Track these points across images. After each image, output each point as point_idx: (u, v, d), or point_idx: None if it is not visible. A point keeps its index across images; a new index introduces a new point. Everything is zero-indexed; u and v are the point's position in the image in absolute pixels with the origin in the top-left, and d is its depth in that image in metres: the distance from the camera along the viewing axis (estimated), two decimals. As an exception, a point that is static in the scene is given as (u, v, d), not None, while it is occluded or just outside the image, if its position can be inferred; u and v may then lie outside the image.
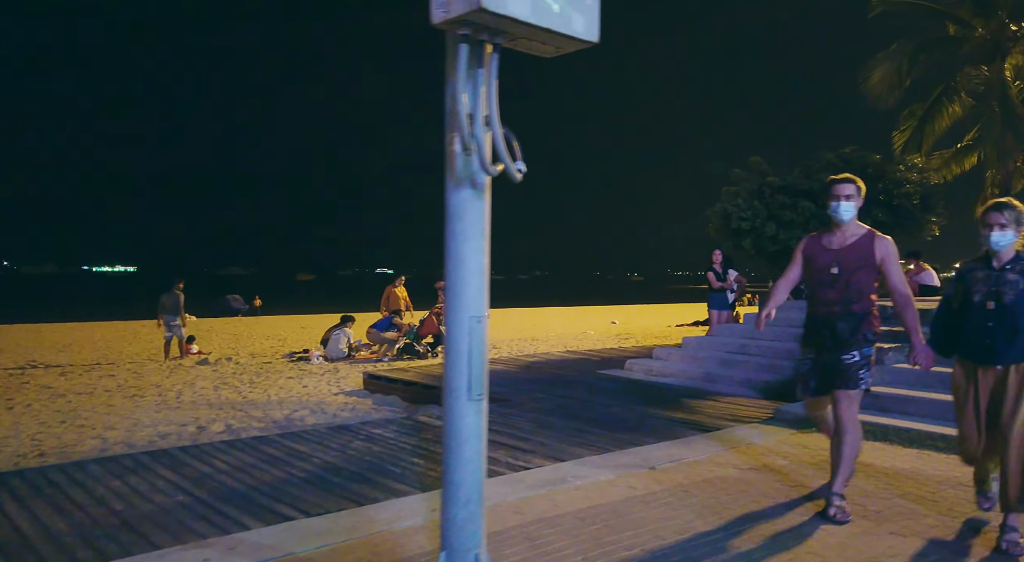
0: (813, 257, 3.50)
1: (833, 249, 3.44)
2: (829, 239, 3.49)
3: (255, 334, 19.28)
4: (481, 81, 2.23)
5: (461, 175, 2.37)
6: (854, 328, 3.35)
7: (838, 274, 3.37)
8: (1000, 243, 3.05)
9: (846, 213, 3.41)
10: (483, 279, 2.45)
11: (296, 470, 4.11)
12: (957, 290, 3.24)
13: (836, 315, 3.39)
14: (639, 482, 3.96)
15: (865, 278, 3.35)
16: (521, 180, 2.38)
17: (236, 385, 8.81)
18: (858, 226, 3.47)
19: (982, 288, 3.12)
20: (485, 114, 2.25)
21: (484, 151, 2.21)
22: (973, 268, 3.18)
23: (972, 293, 3.15)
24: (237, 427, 6.20)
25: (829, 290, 3.39)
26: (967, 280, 3.18)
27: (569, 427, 5.34)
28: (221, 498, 3.57)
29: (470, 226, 2.40)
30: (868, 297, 3.37)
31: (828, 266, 3.40)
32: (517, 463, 4.32)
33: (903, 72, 13.01)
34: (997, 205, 3.09)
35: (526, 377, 8.01)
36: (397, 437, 4.99)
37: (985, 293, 3.10)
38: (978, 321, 3.09)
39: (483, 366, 2.44)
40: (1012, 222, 3.06)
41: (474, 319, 2.42)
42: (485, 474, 2.49)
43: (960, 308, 3.20)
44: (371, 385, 8.39)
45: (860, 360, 3.34)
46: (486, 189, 2.42)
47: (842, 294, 3.37)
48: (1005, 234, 3.05)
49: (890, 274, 3.37)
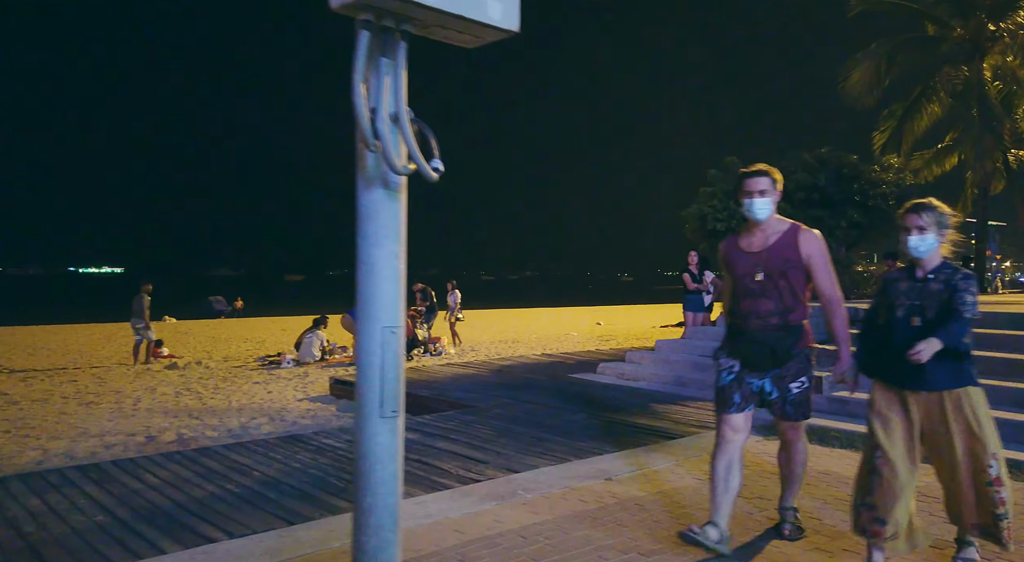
0: (733, 263, 3.06)
1: (754, 252, 3.00)
2: (749, 241, 3.04)
3: (234, 336, 19.00)
4: (385, 71, 2.05)
5: (372, 174, 2.18)
6: (795, 345, 2.94)
7: (765, 280, 2.93)
8: (919, 249, 2.70)
9: (761, 210, 2.96)
10: (398, 286, 2.26)
11: (233, 485, 3.91)
12: (880, 303, 2.86)
13: (774, 330, 2.93)
14: (592, 495, 3.79)
15: (797, 281, 2.93)
16: (437, 180, 2.21)
17: (199, 391, 8.57)
18: (779, 222, 3.01)
19: (905, 301, 2.74)
20: (392, 109, 2.07)
21: (389, 148, 2.03)
22: (897, 278, 2.81)
23: (895, 307, 2.77)
24: (188, 437, 5.98)
25: (762, 300, 2.94)
26: (890, 292, 2.80)
27: (529, 436, 5.17)
28: (144, 518, 3.37)
29: (383, 229, 2.21)
30: (803, 303, 2.96)
31: (751, 272, 2.97)
32: (468, 475, 4.15)
33: (881, 72, 12.96)
34: (915, 206, 2.73)
35: (496, 382, 7.83)
36: (349, 447, 4.79)
37: (908, 307, 2.72)
38: (902, 340, 2.66)
39: (397, 380, 2.25)
40: (932, 225, 2.70)
41: (388, 330, 2.23)
42: (400, 497, 2.30)
43: (886, 324, 2.80)
44: (337, 390, 8.18)
45: (808, 386, 2.99)
46: (401, 189, 2.24)
47: (778, 304, 2.93)
48: (924, 238, 2.69)
49: (817, 274, 2.93)
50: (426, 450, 4.72)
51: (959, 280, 2.67)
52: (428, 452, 4.67)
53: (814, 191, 9.20)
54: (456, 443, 4.93)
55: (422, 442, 4.96)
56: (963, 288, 2.66)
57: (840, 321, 2.93)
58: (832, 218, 9.18)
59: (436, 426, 5.50)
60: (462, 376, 8.29)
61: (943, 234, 2.71)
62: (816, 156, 9.71)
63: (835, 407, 5.45)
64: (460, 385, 7.63)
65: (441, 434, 5.20)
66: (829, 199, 9.23)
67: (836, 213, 9.19)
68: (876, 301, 2.91)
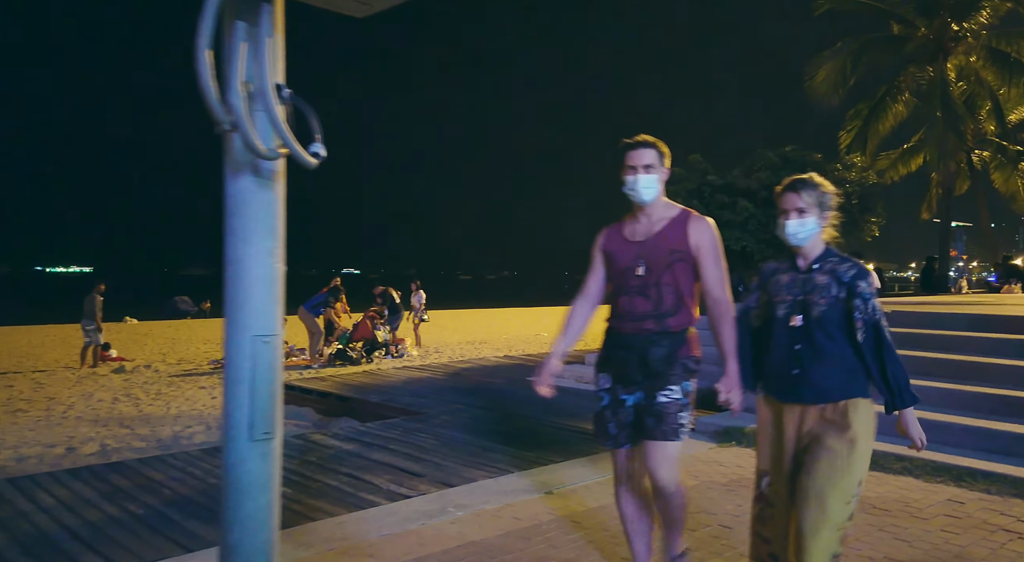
0: (614, 254, 2.53)
1: (637, 241, 2.48)
2: (632, 228, 2.52)
3: (195, 338, 18.43)
4: (242, 37, 1.76)
5: (239, 159, 1.89)
6: (671, 353, 2.39)
7: (645, 275, 2.42)
8: (798, 234, 2.25)
9: (647, 189, 2.43)
10: (273, 289, 1.97)
11: (137, 505, 3.58)
12: (760, 300, 2.42)
13: (648, 335, 2.41)
14: (527, 511, 3.53)
15: (682, 278, 2.43)
16: (317, 166, 1.93)
17: (139, 397, 8.15)
18: (668, 207, 2.51)
19: (786, 297, 2.28)
20: (254, 81, 1.78)
21: (245, 126, 1.74)
22: (776, 269, 2.37)
23: (775, 305, 2.31)
24: (112, 448, 5.60)
25: (639, 299, 2.42)
26: (769, 286, 2.36)
27: (474, 445, 4.89)
28: (22, 547, 3.03)
29: (253, 222, 1.92)
30: (688, 307, 2.44)
31: (632, 265, 2.45)
32: (399, 490, 3.86)
33: (847, 71, 12.94)
34: (793, 184, 2.28)
35: (451, 386, 7.54)
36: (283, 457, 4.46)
37: (790, 304, 2.27)
38: (783, 343, 2.27)
39: (271, 397, 1.97)
40: (814, 206, 2.24)
41: (259, 339, 1.94)
42: (276, 532, 2.01)
43: (765, 325, 2.37)
44: (285, 396, 7.80)
45: (681, 399, 2.39)
46: (276, 177, 1.95)
47: (656, 305, 2.41)
48: (804, 222, 2.24)
49: (705, 268, 2.42)
50: (360, 463, 4.42)
51: (852, 276, 2.21)
52: (362, 465, 4.37)
53: (777, 190, 9.07)
54: (394, 454, 4.63)
55: (358, 453, 4.66)
56: (864, 291, 2.20)
57: (729, 329, 2.41)
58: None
59: (377, 435, 5.20)
60: (416, 380, 7.99)
61: (825, 216, 2.29)
62: (780, 154, 9.60)
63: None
64: (412, 390, 7.33)
65: (381, 444, 4.91)
66: (792, 198, 9.10)
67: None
68: (753, 298, 2.45)
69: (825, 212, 2.28)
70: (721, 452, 4.73)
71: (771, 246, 9.41)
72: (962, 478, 3.95)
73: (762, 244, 9.29)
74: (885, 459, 4.30)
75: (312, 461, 4.48)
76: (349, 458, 4.53)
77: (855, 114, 14.16)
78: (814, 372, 2.20)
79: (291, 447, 4.84)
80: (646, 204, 2.47)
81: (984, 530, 3.24)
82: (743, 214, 9.02)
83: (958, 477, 3.97)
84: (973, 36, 13.59)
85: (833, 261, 2.27)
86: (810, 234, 2.26)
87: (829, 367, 2.20)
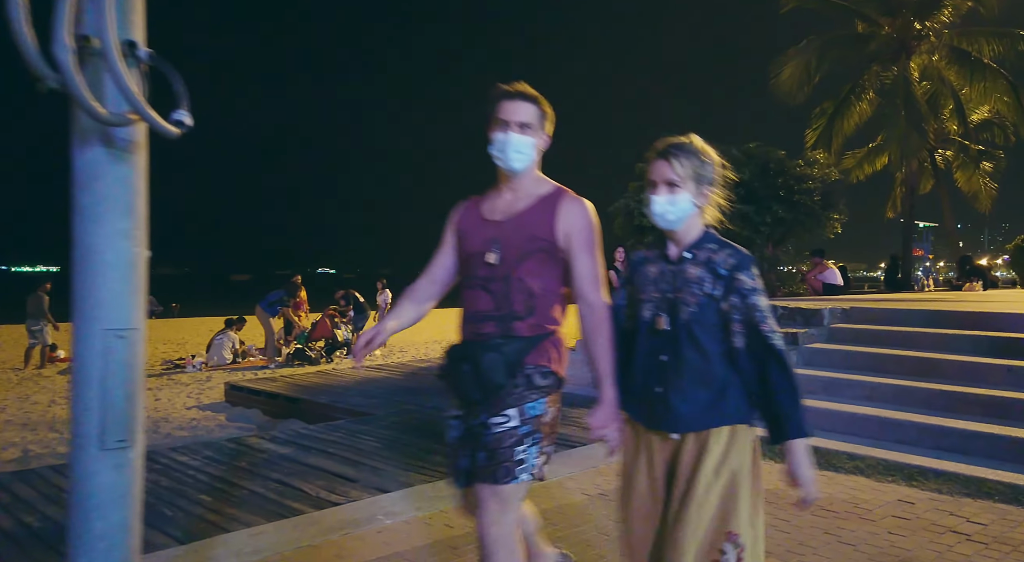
0: (465, 235, 2.03)
1: (494, 221, 1.97)
2: (492, 204, 2.02)
3: (155, 338, 17.85)
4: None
5: (87, 126, 1.65)
6: (510, 362, 1.85)
7: (497, 265, 1.92)
8: (667, 215, 1.76)
9: (518, 155, 1.92)
10: (130, 276, 1.74)
11: (33, 518, 3.29)
12: (628, 297, 1.91)
13: (486, 340, 1.89)
14: (461, 518, 3.31)
15: (545, 272, 1.92)
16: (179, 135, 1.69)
17: (78, 399, 7.76)
18: (539, 182, 2.00)
19: (653, 294, 1.80)
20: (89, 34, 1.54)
21: (77, 87, 1.50)
22: (645, 259, 1.89)
23: (641, 303, 1.82)
24: (35, 454, 5.27)
25: (481, 295, 1.93)
26: (636, 279, 1.88)
27: (419, 447, 4.67)
28: None
29: (105, 199, 1.69)
30: (546, 311, 1.92)
31: (482, 250, 1.95)
32: (329, 498, 3.62)
33: (812, 68, 12.97)
34: (665, 150, 1.78)
35: (405, 386, 7.31)
36: (204, 466, 4.20)
37: (656, 303, 1.79)
38: (646, 352, 1.79)
39: (127, 400, 1.73)
40: (689, 178, 1.76)
41: (112, 333, 1.71)
42: (135, 554, 1.77)
43: (632, 330, 1.87)
44: (232, 397, 7.52)
45: (520, 427, 1.84)
46: (134, 149, 1.72)
47: (500, 304, 1.90)
48: (676, 199, 1.75)
49: (576, 266, 1.91)
50: (292, 468, 4.17)
51: (732, 266, 1.74)
52: (294, 470, 4.12)
53: (739, 186, 8.99)
54: (332, 458, 4.39)
55: (294, 458, 4.41)
56: (745, 285, 1.72)
57: (604, 343, 1.86)
58: (757, 214, 8.99)
59: (317, 438, 4.95)
60: (371, 380, 7.73)
61: (705, 193, 1.79)
62: (744, 151, 9.53)
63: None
64: (365, 390, 7.08)
65: (320, 448, 4.66)
66: (754, 194, 9.04)
67: (761, 209, 9.01)
68: (620, 295, 1.94)
69: (705, 187, 1.79)
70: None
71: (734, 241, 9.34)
72: (914, 477, 3.84)
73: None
74: (837, 457, 4.18)
75: (241, 467, 4.22)
76: (282, 463, 4.28)
77: (820, 112, 14.22)
78: (679, 391, 1.72)
79: (223, 451, 4.57)
80: (514, 174, 1.97)
81: (932, 532, 3.12)
82: (706, 210, 8.92)
83: (910, 476, 3.86)
84: (935, 35, 13.72)
85: (711, 249, 1.78)
86: (683, 214, 1.77)
87: (697, 386, 1.72)
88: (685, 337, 1.73)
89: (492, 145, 1.97)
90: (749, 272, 1.75)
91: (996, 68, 13.31)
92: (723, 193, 1.86)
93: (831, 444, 4.37)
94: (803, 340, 5.77)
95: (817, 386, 5.19)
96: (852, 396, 4.98)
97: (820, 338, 5.89)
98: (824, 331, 5.95)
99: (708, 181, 1.80)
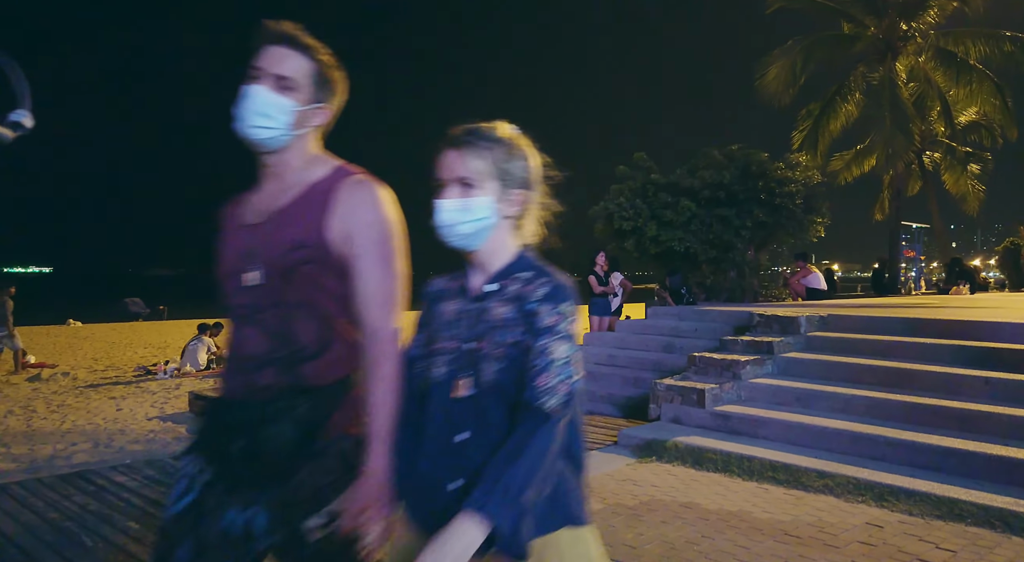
0: (219, 250, 1.47)
1: (251, 224, 1.42)
2: (252, 202, 1.46)
3: (137, 342, 17.62)
4: None
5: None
6: (309, 431, 1.30)
7: (261, 286, 1.35)
8: (459, 227, 1.24)
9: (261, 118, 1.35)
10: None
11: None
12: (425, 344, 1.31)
13: (265, 398, 1.32)
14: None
15: (327, 289, 1.35)
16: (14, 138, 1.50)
17: (37, 409, 7.53)
18: (315, 161, 1.43)
19: (448, 343, 1.24)
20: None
21: None
22: (441, 293, 1.32)
23: (434, 355, 1.26)
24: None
25: (249, 331, 1.36)
26: (432, 321, 1.30)
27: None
28: None
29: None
30: (345, 341, 1.36)
31: (237, 269, 1.39)
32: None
33: (797, 69, 12.83)
34: (456, 136, 1.24)
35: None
36: (142, 488, 3.99)
37: (454, 356, 1.22)
38: (439, 428, 1.22)
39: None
40: (491, 176, 1.23)
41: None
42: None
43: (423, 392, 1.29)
44: (197, 406, 7.28)
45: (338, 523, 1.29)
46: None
47: (277, 341, 1.34)
48: (470, 204, 1.23)
49: (358, 277, 1.34)
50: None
51: (538, 300, 1.19)
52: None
53: (720, 189, 8.83)
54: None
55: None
56: (544, 324, 1.17)
57: (384, 384, 1.29)
58: (738, 217, 8.83)
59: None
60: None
61: (515, 197, 1.27)
62: (725, 153, 9.37)
63: (718, 424, 4.95)
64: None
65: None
66: (735, 197, 8.88)
67: (742, 212, 8.84)
68: (415, 341, 1.33)
69: (514, 190, 1.26)
70: (638, 468, 4.38)
71: (715, 247, 9.16)
72: (884, 497, 3.67)
73: (706, 245, 9.03)
74: (806, 475, 4.00)
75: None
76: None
77: (807, 114, 14.08)
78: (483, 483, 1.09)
79: (165, 471, 4.37)
80: (266, 151, 1.40)
81: (898, 560, 2.94)
82: (685, 214, 8.74)
83: (880, 496, 3.68)
84: (921, 36, 13.61)
85: (523, 278, 1.23)
86: (481, 227, 1.24)
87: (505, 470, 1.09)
88: (492, 408, 1.17)
89: (235, 109, 1.37)
90: (554, 306, 1.19)
91: (982, 69, 13.22)
92: (548, 201, 1.34)
93: (801, 460, 4.19)
94: (779, 349, 5.60)
95: (790, 398, 5.02)
96: (826, 408, 4.81)
97: (797, 347, 5.72)
98: (801, 339, 5.78)
99: (520, 183, 1.27)
